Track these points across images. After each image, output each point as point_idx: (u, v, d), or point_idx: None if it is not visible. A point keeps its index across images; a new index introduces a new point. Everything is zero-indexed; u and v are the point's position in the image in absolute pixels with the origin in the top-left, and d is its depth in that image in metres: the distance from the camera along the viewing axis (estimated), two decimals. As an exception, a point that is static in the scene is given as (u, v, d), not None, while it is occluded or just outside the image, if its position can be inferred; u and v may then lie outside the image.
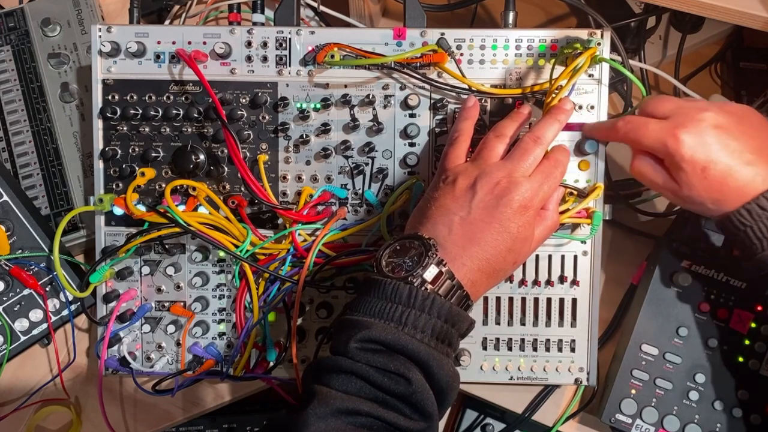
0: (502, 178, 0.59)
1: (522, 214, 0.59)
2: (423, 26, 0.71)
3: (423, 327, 0.55)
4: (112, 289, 0.74)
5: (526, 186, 0.59)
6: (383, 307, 0.55)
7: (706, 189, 0.59)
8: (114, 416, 0.76)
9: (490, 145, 0.63)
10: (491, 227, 0.58)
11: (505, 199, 0.58)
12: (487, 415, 0.85)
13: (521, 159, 0.61)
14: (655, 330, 0.72)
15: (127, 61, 0.72)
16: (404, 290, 0.55)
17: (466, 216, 0.59)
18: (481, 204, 0.59)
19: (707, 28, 0.91)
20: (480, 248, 0.58)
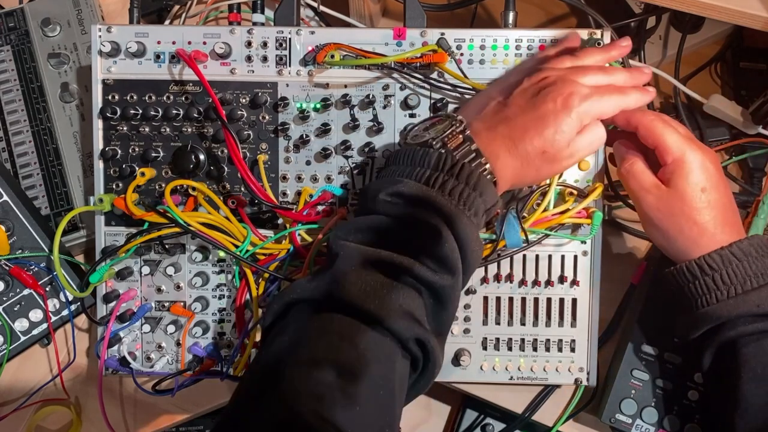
0: (552, 75, 0.59)
1: (563, 109, 0.57)
2: (423, 26, 0.71)
3: (451, 190, 0.54)
4: (112, 289, 0.74)
5: (577, 86, 0.58)
6: (412, 170, 0.56)
7: (689, 208, 0.61)
8: (114, 416, 0.76)
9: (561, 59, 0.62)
10: (525, 111, 0.57)
11: (548, 89, 0.58)
12: (487, 415, 0.85)
13: (582, 70, 0.60)
14: (655, 330, 0.72)
15: (127, 61, 0.72)
16: (433, 155, 0.55)
17: (503, 100, 0.59)
18: (522, 92, 0.58)
19: (707, 28, 0.91)
20: (507, 127, 0.57)
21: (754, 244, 0.61)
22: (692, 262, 0.62)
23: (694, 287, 0.62)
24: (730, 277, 0.60)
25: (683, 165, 0.61)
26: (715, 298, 0.61)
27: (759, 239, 0.62)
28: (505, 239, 0.67)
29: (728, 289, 0.60)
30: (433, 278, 0.53)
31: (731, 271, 0.60)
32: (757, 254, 0.61)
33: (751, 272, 0.60)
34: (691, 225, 0.62)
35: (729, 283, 0.60)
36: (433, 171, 0.55)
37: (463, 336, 0.72)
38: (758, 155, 0.83)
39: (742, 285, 0.60)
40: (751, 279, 0.60)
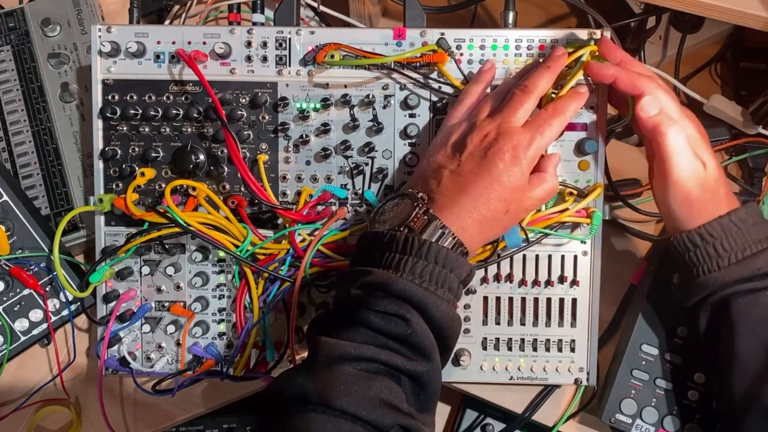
0: (491, 130, 0.60)
1: (512, 164, 0.59)
2: (423, 26, 0.71)
3: (421, 272, 0.55)
4: (112, 289, 0.74)
5: (517, 136, 0.59)
6: (380, 256, 0.57)
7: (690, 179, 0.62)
8: (114, 416, 0.76)
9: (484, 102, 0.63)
10: (480, 177, 0.59)
11: (494, 149, 0.59)
12: (487, 415, 0.85)
13: (510, 110, 0.61)
14: (655, 330, 0.72)
15: (127, 61, 0.72)
16: (400, 238, 0.56)
17: (456, 169, 0.60)
18: (470, 156, 0.60)
19: (707, 28, 0.91)
20: (469, 197, 0.58)
21: (749, 212, 0.63)
22: (692, 232, 0.63)
23: (695, 255, 0.63)
24: (730, 243, 0.62)
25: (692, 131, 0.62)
26: (717, 266, 0.62)
27: (753, 207, 0.63)
28: (505, 239, 0.67)
29: (729, 255, 0.62)
30: (408, 366, 0.54)
31: (731, 238, 0.62)
32: (753, 221, 0.62)
33: (750, 239, 0.62)
34: (713, 195, 0.63)
35: (730, 249, 0.62)
36: (401, 254, 0.56)
37: (463, 336, 0.72)
38: (758, 155, 0.83)
39: (742, 251, 0.62)
40: (750, 245, 0.62)
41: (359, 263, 0.59)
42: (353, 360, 0.53)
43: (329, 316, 0.58)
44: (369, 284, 0.55)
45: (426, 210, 0.58)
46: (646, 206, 0.80)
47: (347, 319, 0.55)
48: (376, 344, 0.54)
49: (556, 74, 0.64)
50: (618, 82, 0.63)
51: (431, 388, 0.55)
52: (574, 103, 0.63)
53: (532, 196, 0.62)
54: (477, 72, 0.68)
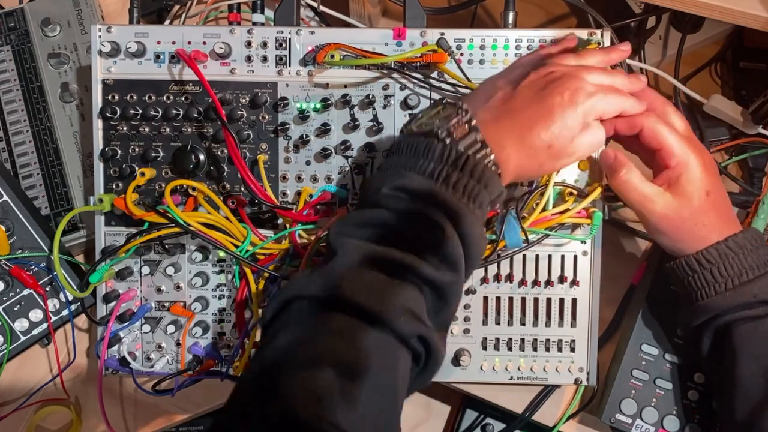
0: (558, 69, 0.58)
1: (569, 103, 0.57)
2: (423, 26, 0.71)
3: (455, 184, 0.53)
4: (112, 289, 0.74)
5: (583, 82, 0.57)
6: (416, 162, 0.54)
7: (696, 212, 0.63)
8: (114, 416, 0.76)
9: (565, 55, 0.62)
10: (532, 104, 0.57)
11: (556, 83, 0.57)
12: (487, 415, 0.85)
13: (586, 69, 0.59)
14: (655, 330, 0.72)
15: (127, 61, 0.72)
16: (437, 147, 0.54)
17: (510, 91, 0.58)
18: (530, 84, 0.58)
19: (707, 28, 0.91)
20: (515, 120, 0.57)
21: (748, 237, 0.63)
22: (690, 257, 0.64)
23: (694, 281, 0.64)
24: (727, 270, 0.62)
25: (688, 168, 0.62)
26: (714, 291, 0.63)
27: (753, 232, 0.64)
28: (505, 239, 0.67)
29: (725, 281, 0.62)
30: (435, 276, 0.52)
31: (728, 264, 0.62)
32: (752, 246, 0.63)
33: (747, 265, 0.62)
34: (701, 227, 0.63)
35: (726, 275, 0.62)
36: (437, 163, 0.54)
37: (463, 336, 0.72)
38: (758, 155, 0.83)
39: (739, 277, 0.62)
40: (747, 271, 0.62)
41: (391, 166, 0.56)
42: (379, 262, 0.51)
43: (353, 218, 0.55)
44: (402, 188, 0.53)
45: (469, 120, 0.56)
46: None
47: (375, 221, 0.53)
48: (404, 249, 0.52)
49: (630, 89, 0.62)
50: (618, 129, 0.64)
51: (452, 304, 0.54)
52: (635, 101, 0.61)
53: (581, 141, 0.59)
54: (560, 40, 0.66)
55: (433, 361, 0.53)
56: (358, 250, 0.52)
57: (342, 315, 0.50)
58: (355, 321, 0.50)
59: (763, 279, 0.62)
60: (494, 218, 0.67)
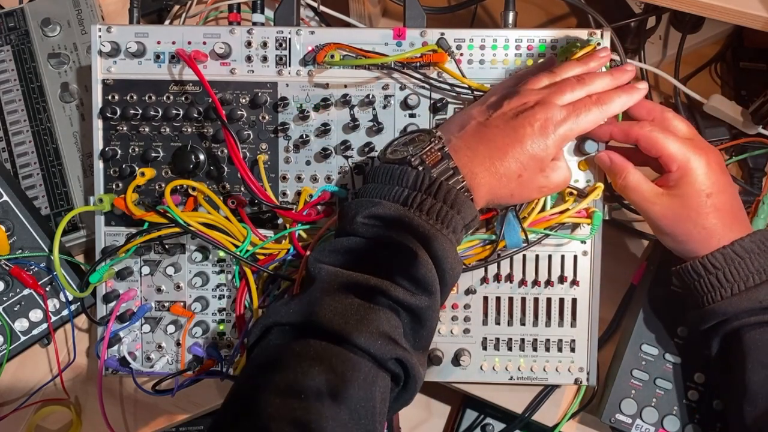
0: (531, 99, 0.59)
1: (540, 133, 0.58)
2: (423, 26, 0.71)
3: (429, 209, 0.55)
4: (112, 289, 0.74)
5: (553, 110, 0.58)
6: (390, 190, 0.56)
7: (696, 214, 0.62)
8: (114, 416, 0.76)
9: (536, 77, 0.62)
10: (504, 133, 0.58)
11: (527, 113, 0.58)
12: (487, 415, 0.85)
13: (558, 89, 0.60)
14: (655, 330, 0.72)
15: (127, 61, 0.72)
16: (411, 173, 0.56)
17: (484, 121, 0.60)
18: (502, 115, 0.59)
19: (707, 28, 0.91)
20: (487, 148, 0.58)
21: (756, 241, 0.62)
22: (696, 262, 0.63)
23: (700, 285, 0.63)
24: (733, 275, 0.62)
25: (688, 172, 0.62)
26: (720, 296, 0.62)
27: (762, 234, 0.63)
28: (505, 239, 0.67)
29: (731, 286, 0.62)
30: (409, 299, 0.53)
31: (734, 269, 0.62)
32: (759, 250, 0.62)
33: (754, 269, 0.62)
34: (700, 229, 0.63)
35: (732, 280, 0.62)
36: (411, 190, 0.56)
37: (463, 336, 0.72)
38: (758, 155, 0.83)
39: (745, 282, 0.62)
40: (754, 276, 0.62)
41: (367, 193, 0.58)
42: (354, 288, 0.52)
43: (331, 246, 0.56)
44: (376, 215, 0.55)
45: (441, 147, 0.57)
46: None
47: (350, 249, 0.55)
48: (379, 275, 0.53)
49: (616, 84, 0.63)
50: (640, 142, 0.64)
51: (428, 326, 0.55)
52: (624, 96, 0.62)
53: (548, 177, 0.61)
54: (538, 63, 0.68)
55: (412, 381, 0.54)
56: (334, 276, 0.53)
57: (319, 340, 0.51)
58: (331, 346, 0.50)
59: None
60: (494, 218, 0.67)
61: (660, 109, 0.66)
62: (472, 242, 0.68)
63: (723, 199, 0.63)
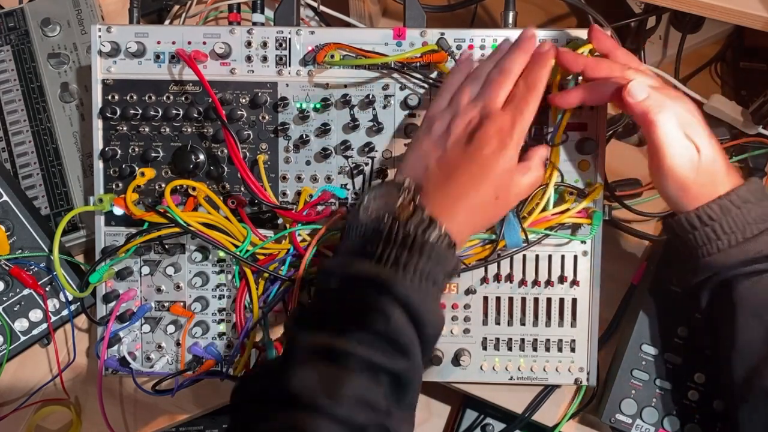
0: (474, 115, 0.59)
1: (499, 149, 0.58)
2: (423, 26, 0.71)
3: (405, 265, 0.53)
4: (112, 289, 0.74)
5: (499, 119, 0.59)
6: (363, 246, 0.55)
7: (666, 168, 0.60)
8: (114, 416, 0.76)
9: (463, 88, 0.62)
10: (467, 162, 0.58)
11: (479, 134, 0.58)
12: (487, 415, 0.85)
13: (491, 93, 0.60)
14: (655, 330, 0.72)
15: (127, 61, 0.72)
16: (384, 228, 0.55)
17: (442, 155, 0.59)
18: (455, 142, 0.59)
19: (707, 28, 0.91)
20: (457, 184, 0.58)
21: (751, 190, 0.61)
22: (691, 213, 0.61)
23: (694, 238, 0.62)
24: (730, 225, 0.60)
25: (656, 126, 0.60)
26: (716, 248, 0.61)
27: (756, 184, 0.62)
28: (505, 239, 0.67)
29: (728, 238, 0.60)
30: (386, 363, 0.52)
31: (730, 219, 0.60)
32: (755, 200, 0.61)
33: (751, 219, 0.60)
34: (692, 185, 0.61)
35: (729, 231, 0.60)
36: (385, 246, 0.54)
37: (463, 336, 0.72)
38: (758, 155, 0.83)
39: (743, 233, 0.60)
40: (751, 226, 0.60)
41: (342, 253, 0.57)
42: (330, 354, 0.51)
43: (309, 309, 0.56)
44: (350, 276, 0.54)
45: (412, 198, 0.57)
46: (647, 206, 0.80)
47: (326, 313, 0.54)
48: (355, 339, 0.52)
49: (529, 55, 0.62)
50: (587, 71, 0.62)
51: (411, 386, 0.54)
52: (543, 69, 0.61)
53: (520, 182, 0.61)
54: (455, 63, 0.68)
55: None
56: (310, 341, 0.52)
57: (296, 411, 0.50)
58: (309, 416, 0.49)
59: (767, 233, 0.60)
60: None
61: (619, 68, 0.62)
62: (473, 242, 0.68)
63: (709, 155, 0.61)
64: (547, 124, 0.69)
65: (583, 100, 0.63)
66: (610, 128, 0.74)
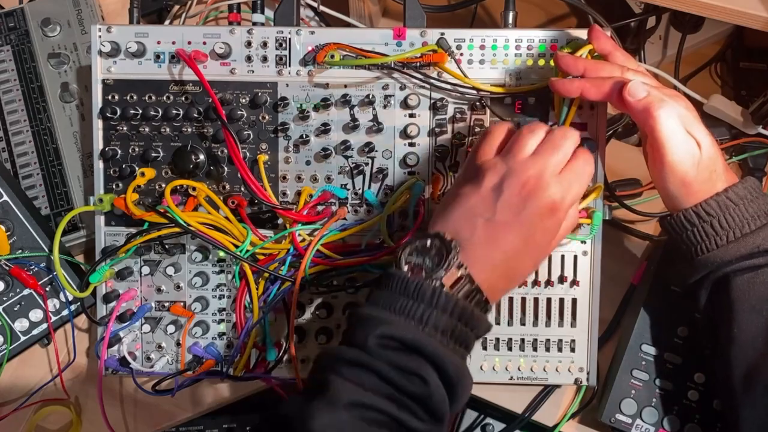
0: (531, 177, 0.57)
1: (549, 217, 0.57)
2: (423, 26, 0.71)
3: (444, 328, 0.54)
4: (112, 289, 0.74)
5: (556, 187, 0.57)
6: (404, 304, 0.54)
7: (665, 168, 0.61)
8: (114, 416, 0.76)
9: (522, 140, 0.59)
10: (515, 231, 0.57)
11: (533, 200, 0.56)
12: (487, 415, 0.85)
13: (551, 155, 0.58)
14: (655, 330, 0.72)
15: (127, 61, 0.72)
16: (427, 289, 0.54)
17: (491, 218, 0.57)
18: (507, 205, 0.57)
19: (707, 28, 0.91)
20: (502, 252, 0.57)
21: (748, 187, 0.62)
22: (689, 210, 0.62)
23: (693, 235, 0.62)
24: (728, 221, 0.61)
25: (653, 128, 0.60)
26: (715, 244, 0.61)
27: (752, 181, 0.62)
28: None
29: (727, 233, 0.61)
30: (418, 427, 0.52)
31: (729, 215, 0.61)
32: (752, 197, 0.61)
33: (748, 215, 0.61)
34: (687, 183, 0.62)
35: (728, 227, 0.61)
36: (427, 307, 0.54)
37: (463, 336, 0.72)
38: (758, 155, 0.83)
39: (741, 228, 0.61)
40: (749, 222, 0.61)
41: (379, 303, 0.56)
42: (361, 408, 0.51)
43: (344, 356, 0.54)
44: (390, 336, 0.53)
45: (459, 264, 0.56)
46: (647, 206, 0.80)
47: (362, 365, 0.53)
48: (388, 398, 0.52)
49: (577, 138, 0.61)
50: (587, 74, 0.62)
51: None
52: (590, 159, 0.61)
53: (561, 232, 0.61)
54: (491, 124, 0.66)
55: None
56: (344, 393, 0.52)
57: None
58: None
59: (765, 229, 0.61)
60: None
61: (619, 69, 0.63)
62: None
63: (706, 154, 0.61)
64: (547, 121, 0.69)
65: (584, 91, 0.62)
66: (610, 128, 0.74)
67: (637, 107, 0.60)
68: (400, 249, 0.58)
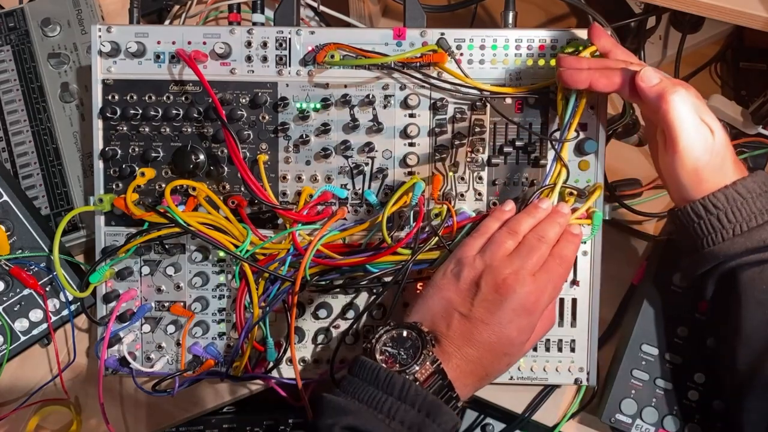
0: (507, 276, 0.59)
1: (525, 317, 0.59)
2: (423, 26, 0.71)
3: (410, 424, 0.54)
4: (112, 289, 0.74)
5: (531, 287, 0.58)
6: (373, 395, 0.55)
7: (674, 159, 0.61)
8: (114, 416, 0.77)
9: (500, 239, 0.61)
10: (490, 329, 0.58)
11: (509, 299, 0.58)
12: (487, 415, 0.85)
13: (528, 257, 0.60)
14: (655, 330, 0.72)
15: (127, 61, 0.72)
16: (397, 381, 0.55)
17: (467, 313, 0.59)
18: (483, 302, 0.59)
19: (707, 28, 0.91)
20: (476, 350, 0.58)
21: (757, 181, 0.61)
22: (696, 203, 0.61)
23: (700, 227, 0.62)
24: (735, 215, 0.61)
25: (664, 120, 0.60)
26: (721, 237, 0.61)
27: (762, 175, 0.62)
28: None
29: (734, 227, 0.61)
30: None
31: (736, 209, 0.61)
32: (760, 190, 0.61)
33: (756, 209, 0.61)
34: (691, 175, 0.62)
35: (735, 221, 0.61)
36: (396, 399, 0.55)
37: (463, 336, 0.72)
38: (758, 155, 0.83)
39: (747, 222, 0.60)
40: (756, 216, 0.61)
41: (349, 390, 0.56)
42: None
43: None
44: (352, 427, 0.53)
45: (434, 359, 0.57)
46: (647, 206, 0.80)
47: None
48: None
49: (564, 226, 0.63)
50: (594, 85, 0.62)
51: None
52: (575, 246, 0.63)
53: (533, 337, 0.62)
54: (495, 209, 0.66)
55: None
56: None
57: None
58: None
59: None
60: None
61: (625, 67, 0.63)
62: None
63: (717, 146, 0.61)
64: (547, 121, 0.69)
65: (593, 82, 0.62)
66: (610, 128, 0.74)
67: (651, 93, 0.60)
68: (375, 335, 0.59)
